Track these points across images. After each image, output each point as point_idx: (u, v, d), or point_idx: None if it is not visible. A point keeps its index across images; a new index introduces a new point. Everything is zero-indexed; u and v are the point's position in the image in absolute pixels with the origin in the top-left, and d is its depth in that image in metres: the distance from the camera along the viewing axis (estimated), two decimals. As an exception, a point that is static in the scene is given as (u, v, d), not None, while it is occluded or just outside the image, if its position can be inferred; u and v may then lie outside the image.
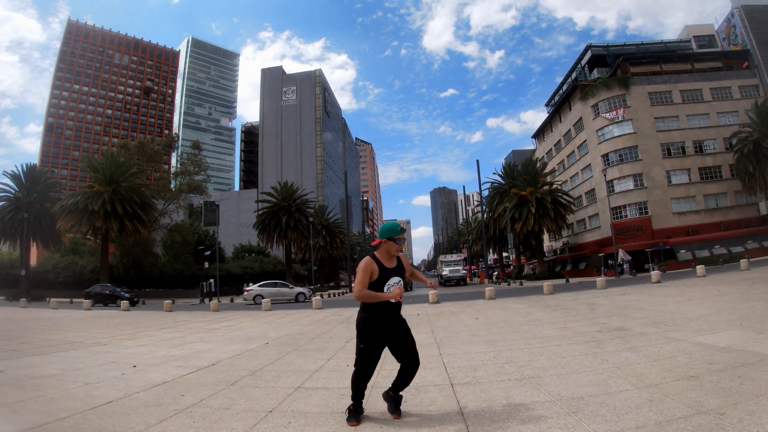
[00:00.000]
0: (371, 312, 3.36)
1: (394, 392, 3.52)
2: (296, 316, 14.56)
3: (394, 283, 3.38)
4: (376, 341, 3.37)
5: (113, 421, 3.61)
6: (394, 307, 3.42)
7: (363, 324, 3.38)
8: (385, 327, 3.36)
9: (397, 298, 3.39)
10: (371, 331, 3.35)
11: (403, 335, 3.43)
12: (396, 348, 3.43)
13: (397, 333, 3.42)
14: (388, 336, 3.39)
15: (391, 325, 3.39)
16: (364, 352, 3.38)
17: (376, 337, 3.36)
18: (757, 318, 7.10)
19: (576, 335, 7.00)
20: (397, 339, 3.41)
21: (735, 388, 3.56)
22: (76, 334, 10.86)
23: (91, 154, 56.15)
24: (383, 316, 3.36)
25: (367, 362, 3.40)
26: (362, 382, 3.43)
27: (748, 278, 16.00)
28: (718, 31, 52.26)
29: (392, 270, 3.42)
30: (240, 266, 51.11)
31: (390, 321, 3.39)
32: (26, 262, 37.25)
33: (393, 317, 3.41)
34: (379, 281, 3.33)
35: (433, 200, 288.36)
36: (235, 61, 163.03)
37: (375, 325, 3.35)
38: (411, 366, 3.44)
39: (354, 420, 3.36)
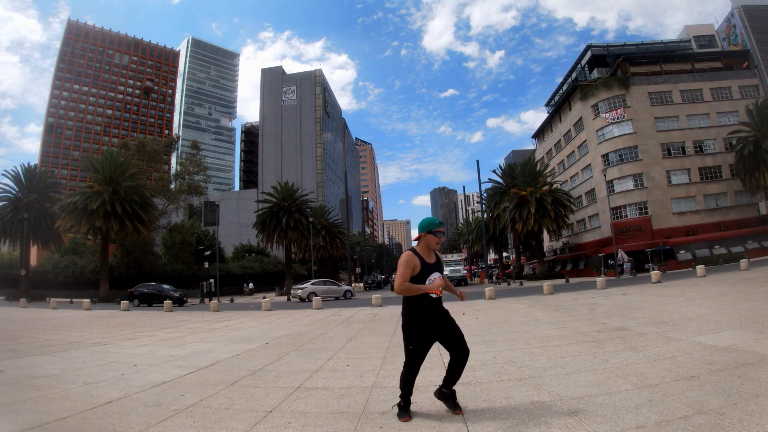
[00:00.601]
0: (416, 312, 3.32)
1: (447, 388, 3.47)
2: (296, 316, 14.55)
3: (434, 278, 3.35)
4: (424, 340, 3.35)
5: (113, 421, 3.61)
6: (435, 303, 3.38)
7: (409, 326, 3.36)
8: (430, 324, 3.35)
9: (437, 291, 3.35)
10: (419, 330, 3.33)
11: (450, 328, 3.41)
12: (446, 342, 3.41)
13: (444, 327, 3.39)
14: (436, 332, 3.38)
15: (436, 321, 3.37)
16: (413, 352, 3.36)
17: (424, 336, 3.34)
18: (758, 318, 7.10)
19: (576, 335, 7.01)
20: (444, 333, 3.39)
21: (735, 388, 3.56)
22: (76, 334, 10.85)
23: (91, 153, 56.13)
24: (427, 314, 3.32)
25: (416, 362, 3.37)
26: (411, 380, 3.42)
27: (748, 278, 16.00)
28: (718, 31, 52.24)
29: (432, 266, 3.39)
30: (240, 266, 51.16)
31: (435, 317, 3.37)
32: (26, 262, 37.24)
33: (437, 312, 3.38)
34: (420, 276, 3.29)
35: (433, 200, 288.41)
36: (235, 61, 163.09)
37: (422, 325, 3.32)
38: (462, 358, 3.38)
39: (406, 415, 3.36)
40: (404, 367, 3.43)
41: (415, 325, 3.33)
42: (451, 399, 3.46)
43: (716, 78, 43.79)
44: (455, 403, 3.46)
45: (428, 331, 3.35)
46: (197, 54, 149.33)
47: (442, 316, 3.41)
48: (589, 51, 50.23)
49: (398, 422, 3.32)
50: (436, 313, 3.37)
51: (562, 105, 52.55)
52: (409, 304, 3.35)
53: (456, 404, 3.45)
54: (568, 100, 50.70)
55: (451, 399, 3.46)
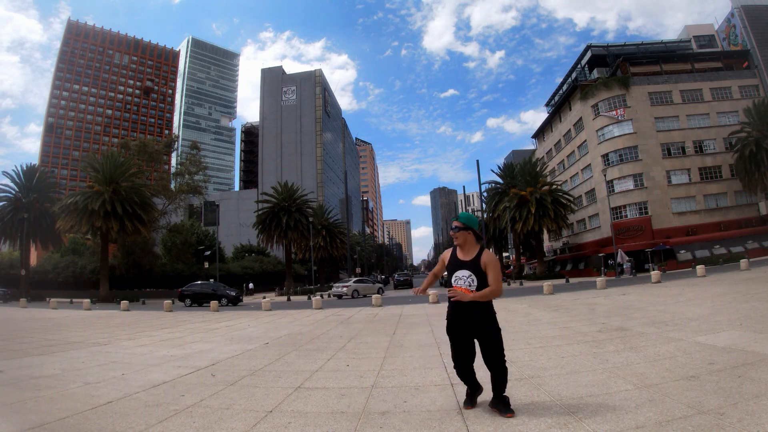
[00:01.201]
0: (449, 303, 3.46)
1: (496, 395, 3.37)
2: (296, 316, 14.55)
3: (462, 276, 3.31)
4: (450, 336, 3.47)
5: (113, 421, 3.61)
6: (455, 305, 3.35)
7: (448, 313, 3.48)
8: (452, 322, 3.41)
9: (461, 290, 3.30)
10: (447, 326, 3.47)
11: (479, 338, 3.34)
12: (481, 350, 3.38)
13: (471, 333, 3.35)
14: (462, 333, 3.37)
15: (457, 322, 3.37)
16: (450, 344, 3.51)
17: (450, 332, 3.46)
18: (758, 318, 7.10)
19: (576, 335, 7.01)
20: (477, 336, 3.35)
21: (735, 388, 3.56)
22: (76, 334, 10.86)
23: (91, 153, 56.12)
24: (450, 313, 3.43)
25: (453, 356, 3.50)
26: (458, 373, 3.53)
27: (748, 278, 16.00)
28: (718, 31, 52.23)
29: (465, 263, 3.34)
30: (240, 266, 51.20)
31: (456, 317, 3.36)
32: (26, 262, 37.25)
33: (458, 313, 3.34)
34: (448, 270, 3.46)
35: (433, 200, 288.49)
36: (235, 61, 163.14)
37: (448, 321, 3.46)
38: (492, 373, 3.30)
39: (468, 404, 3.52)
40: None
41: (447, 318, 3.48)
42: (502, 404, 3.33)
43: (716, 78, 43.78)
44: (506, 407, 3.31)
45: (452, 329, 3.43)
46: (197, 54, 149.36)
47: (471, 316, 3.29)
48: (589, 51, 50.22)
49: (398, 422, 3.32)
50: (457, 314, 3.36)
51: (562, 105, 52.54)
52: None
53: (507, 408, 3.30)
54: (568, 100, 50.69)
55: (502, 404, 3.33)
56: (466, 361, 3.44)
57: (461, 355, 3.43)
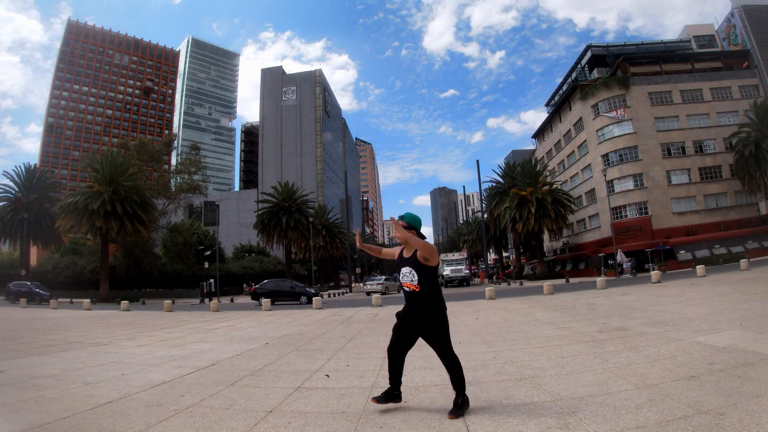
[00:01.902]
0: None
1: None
2: (296, 316, 14.55)
3: (405, 272, 3.51)
4: (397, 322, 3.60)
5: (113, 421, 3.61)
6: (406, 296, 3.54)
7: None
8: (403, 312, 3.56)
9: (409, 285, 3.47)
10: (398, 312, 3.63)
11: (424, 331, 3.51)
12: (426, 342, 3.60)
13: (419, 326, 3.50)
14: (408, 325, 3.52)
15: (408, 313, 3.52)
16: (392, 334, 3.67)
17: (398, 318, 3.60)
18: (758, 318, 7.10)
19: (576, 335, 7.00)
20: (423, 333, 3.53)
21: (735, 388, 3.56)
22: (76, 335, 10.85)
23: (91, 153, 56.12)
24: (405, 302, 3.59)
25: (390, 340, 3.66)
26: (389, 364, 3.68)
27: (748, 278, 15.99)
28: (718, 31, 52.24)
29: (406, 259, 3.53)
30: (240, 266, 51.15)
31: (407, 308, 3.53)
32: (26, 262, 37.25)
33: (408, 305, 3.52)
34: (396, 266, 3.65)
35: (433, 200, 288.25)
36: (235, 61, 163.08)
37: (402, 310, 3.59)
38: (443, 363, 3.55)
39: (375, 399, 3.68)
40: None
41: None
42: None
43: (716, 78, 43.79)
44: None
45: (400, 319, 3.58)
46: (197, 54, 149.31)
47: (418, 311, 3.46)
48: (589, 51, 50.24)
49: (398, 422, 3.32)
50: (408, 305, 3.52)
51: (562, 105, 52.54)
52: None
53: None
54: (568, 100, 50.69)
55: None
56: (402, 352, 3.63)
57: (399, 344, 3.60)
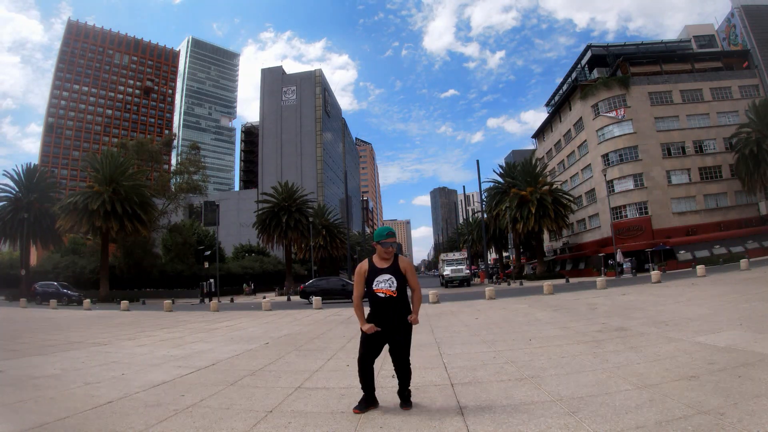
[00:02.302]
0: (370, 308, 3.65)
1: (400, 388, 3.75)
2: (296, 316, 14.56)
3: (383, 279, 3.55)
4: (367, 338, 3.61)
5: (113, 421, 3.61)
6: (382, 302, 3.55)
7: (367, 318, 3.66)
8: (375, 321, 3.58)
9: (386, 291, 3.55)
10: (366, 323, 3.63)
11: (393, 335, 3.60)
12: (390, 345, 3.67)
13: (390, 331, 3.59)
14: (383, 332, 3.58)
15: (382, 320, 3.57)
16: (360, 342, 3.68)
17: (367, 335, 3.61)
18: (757, 318, 7.11)
19: (576, 335, 7.01)
20: (390, 338, 3.63)
21: (735, 388, 3.56)
22: (76, 334, 10.86)
23: (91, 153, 56.07)
24: (373, 313, 3.61)
25: (361, 351, 3.64)
26: (360, 373, 3.64)
27: (748, 278, 16.00)
28: (718, 31, 52.22)
29: (382, 269, 3.60)
30: (240, 266, 51.16)
31: (380, 315, 3.57)
32: (26, 262, 37.23)
33: (383, 312, 3.56)
34: (368, 278, 3.61)
35: (433, 200, 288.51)
36: (235, 61, 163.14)
37: (369, 320, 3.62)
38: (399, 374, 3.69)
39: (358, 408, 3.62)
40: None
41: (367, 319, 3.64)
42: (402, 398, 3.70)
43: (716, 78, 43.77)
44: (406, 401, 3.69)
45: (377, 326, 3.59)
46: (197, 54, 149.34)
47: (393, 316, 3.54)
48: (589, 51, 50.21)
49: (398, 422, 3.33)
50: (382, 311, 3.56)
51: (562, 105, 52.53)
52: (369, 302, 3.66)
53: (407, 402, 3.68)
54: (568, 100, 50.68)
55: (402, 398, 3.70)
56: (375, 358, 3.67)
57: (374, 353, 3.63)
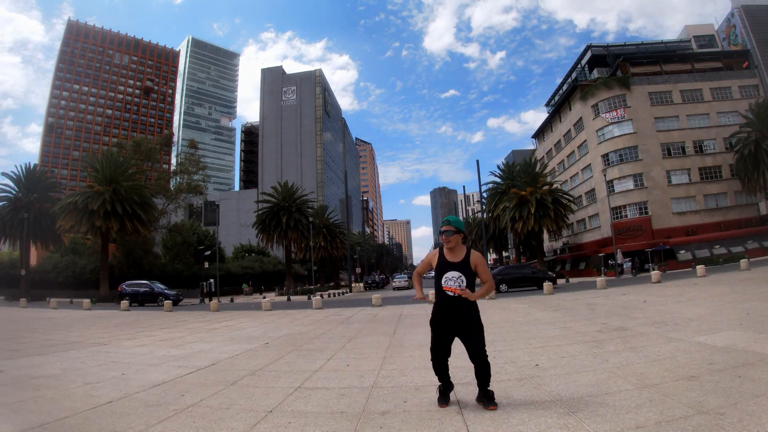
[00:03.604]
0: (434, 303, 3.57)
1: (480, 389, 3.58)
2: (296, 316, 14.55)
3: (452, 277, 3.42)
4: (437, 332, 3.54)
5: (113, 421, 3.60)
6: (450, 299, 3.44)
7: (433, 310, 3.57)
8: (443, 318, 3.49)
9: (453, 290, 3.41)
10: (433, 321, 3.56)
11: (467, 332, 3.48)
12: (465, 343, 3.53)
13: (461, 327, 3.48)
14: (452, 328, 3.49)
15: (450, 317, 3.46)
16: (432, 339, 3.60)
17: (438, 327, 3.53)
18: (758, 318, 7.10)
19: (576, 335, 7.01)
20: (462, 333, 3.50)
21: (735, 388, 3.56)
22: (76, 334, 10.85)
23: (91, 153, 56.06)
24: (441, 308, 3.49)
25: (433, 349, 3.58)
26: (435, 368, 3.62)
27: (748, 278, 15.99)
28: (718, 31, 52.22)
29: (451, 264, 3.46)
30: (240, 266, 51.17)
31: (448, 312, 3.46)
32: (26, 262, 37.22)
33: (450, 308, 3.45)
34: (437, 272, 3.51)
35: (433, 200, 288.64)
36: (235, 61, 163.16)
37: (435, 317, 3.53)
38: (477, 366, 3.51)
39: (441, 402, 3.60)
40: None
41: (432, 317, 3.57)
42: (486, 398, 3.55)
43: (716, 78, 43.78)
44: (490, 400, 3.52)
45: (441, 324, 3.51)
46: (197, 54, 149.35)
47: (460, 315, 3.45)
48: (589, 51, 50.21)
49: (398, 422, 3.32)
50: (449, 309, 3.45)
51: (562, 105, 52.53)
52: (435, 294, 3.59)
53: (491, 401, 3.51)
54: (568, 100, 50.68)
55: (486, 398, 3.55)
56: (446, 355, 3.58)
57: (444, 350, 3.56)
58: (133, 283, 27.87)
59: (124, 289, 27.25)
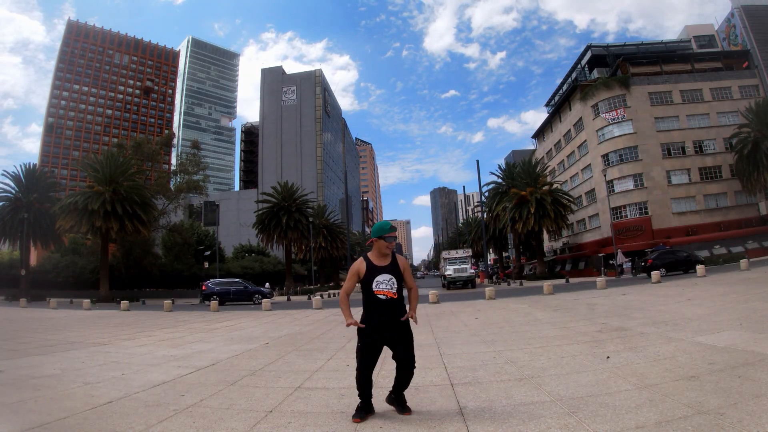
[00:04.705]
0: (364, 310, 3.46)
1: (395, 393, 3.57)
2: (296, 316, 14.55)
3: (383, 280, 3.38)
4: (368, 343, 3.42)
5: (113, 421, 3.61)
6: (384, 304, 3.38)
7: (361, 321, 3.45)
8: (375, 327, 3.39)
9: (387, 293, 3.37)
10: (364, 332, 3.42)
11: (397, 337, 3.44)
12: (393, 349, 3.50)
13: (393, 334, 3.42)
14: (382, 335, 3.41)
15: (383, 325, 3.38)
16: (358, 349, 3.47)
17: (368, 339, 3.41)
18: (757, 318, 7.10)
19: (576, 335, 7.00)
20: (394, 340, 3.44)
21: (735, 388, 3.56)
22: (76, 334, 10.85)
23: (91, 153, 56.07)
24: (372, 314, 3.40)
25: (360, 360, 3.44)
26: (361, 382, 3.45)
27: (748, 278, 15.99)
28: (718, 31, 52.23)
29: (381, 267, 3.43)
30: (240, 266, 51.10)
31: (379, 318, 3.38)
32: (26, 262, 37.21)
33: (384, 315, 3.38)
34: (366, 278, 3.40)
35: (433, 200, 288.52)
36: (235, 61, 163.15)
37: (367, 328, 3.40)
38: (404, 371, 3.48)
39: (358, 417, 3.42)
40: (357, 366, 3.49)
41: (361, 323, 3.42)
42: (400, 404, 3.54)
43: (716, 78, 43.78)
44: (404, 406, 3.53)
45: (373, 332, 3.39)
46: (197, 54, 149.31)
47: (391, 320, 3.38)
48: (589, 51, 50.21)
49: (398, 422, 3.32)
50: (381, 314, 3.37)
51: (562, 105, 52.53)
52: (363, 303, 3.47)
53: (405, 407, 3.52)
54: (568, 100, 50.68)
55: (400, 404, 3.54)
56: (374, 367, 3.48)
57: (374, 361, 3.46)
58: (221, 281, 25.55)
59: (210, 287, 24.82)
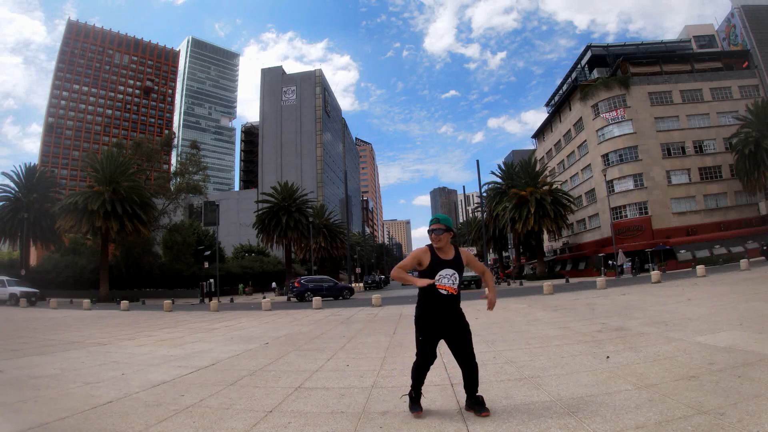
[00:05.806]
0: (423, 305, 3.41)
1: (468, 394, 3.44)
2: (296, 316, 14.55)
3: (447, 275, 3.33)
4: (428, 336, 3.39)
5: (113, 421, 3.60)
6: (445, 299, 3.34)
7: (416, 319, 3.45)
8: (435, 320, 3.36)
9: (448, 288, 3.32)
10: (423, 325, 3.41)
11: (458, 334, 3.38)
12: (452, 346, 3.43)
13: (452, 329, 3.38)
14: (442, 330, 3.38)
15: (442, 319, 3.36)
16: (420, 345, 3.44)
17: (428, 331, 3.39)
18: (758, 318, 7.10)
19: (576, 335, 7.00)
20: (452, 336, 3.39)
21: (735, 388, 3.56)
22: (76, 334, 10.85)
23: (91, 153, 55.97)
24: (433, 310, 3.36)
25: (422, 355, 3.42)
26: (419, 374, 3.46)
27: (748, 278, 15.99)
28: (718, 32, 52.23)
29: (445, 261, 3.37)
30: (240, 266, 51.12)
31: (442, 314, 3.35)
32: (26, 262, 37.23)
33: (445, 309, 3.35)
34: (428, 271, 3.34)
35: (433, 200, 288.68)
36: (235, 61, 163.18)
37: (425, 320, 3.39)
38: (467, 369, 3.39)
39: (416, 410, 3.41)
40: (415, 359, 3.49)
41: (420, 319, 3.42)
42: (477, 404, 3.40)
43: (716, 78, 43.78)
44: (482, 406, 3.37)
45: (431, 326, 3.38)
46: (197, 54, 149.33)
47: (451, 315, 3.36)
48: (589, 51, 50.20)
49: (398, 422, 3.32)
50: (441, 309, 3.36)
51: (562, 105, 52.53)
52: (419, 296, 3.45)
53: (483, 407, 3.36)
54: (568, 100, 50.67)
55: (477, 404, 3.40)
56: (434, 359, 3.45)
57: (433, 353, 3.42)
58: (313, 278, 26.43)
59: (304, 284, 25.33)
